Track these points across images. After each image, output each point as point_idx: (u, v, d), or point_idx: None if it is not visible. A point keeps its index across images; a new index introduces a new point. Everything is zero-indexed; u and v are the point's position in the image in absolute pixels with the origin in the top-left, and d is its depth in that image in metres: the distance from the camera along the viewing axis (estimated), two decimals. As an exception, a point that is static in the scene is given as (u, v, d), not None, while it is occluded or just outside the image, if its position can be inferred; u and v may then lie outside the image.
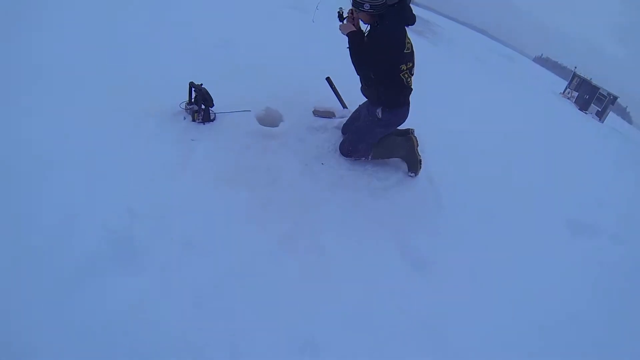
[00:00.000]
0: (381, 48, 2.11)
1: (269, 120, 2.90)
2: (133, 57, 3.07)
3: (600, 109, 10.80)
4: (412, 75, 2.34)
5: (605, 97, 10.75)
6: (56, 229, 1.56)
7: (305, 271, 1.75)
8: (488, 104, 5.84)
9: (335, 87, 3.08)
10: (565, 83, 14.54)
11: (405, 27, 2.23)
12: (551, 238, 2.66)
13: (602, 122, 10.63)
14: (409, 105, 2.44)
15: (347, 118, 3.03)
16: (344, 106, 3.18)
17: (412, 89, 2.39)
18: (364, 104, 2.72)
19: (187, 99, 2.46)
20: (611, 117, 12.21)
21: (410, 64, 2.29)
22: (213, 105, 2.44)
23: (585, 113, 11.01)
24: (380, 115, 2.39)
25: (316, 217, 2.03)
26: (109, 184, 1.82)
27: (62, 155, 1.87)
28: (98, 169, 1.86)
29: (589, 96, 11.17)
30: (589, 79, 12.32)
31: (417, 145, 2.66)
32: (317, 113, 3.05)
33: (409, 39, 2.23)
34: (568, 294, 2.15)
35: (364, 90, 2.50)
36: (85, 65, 2.76)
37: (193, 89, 2.42)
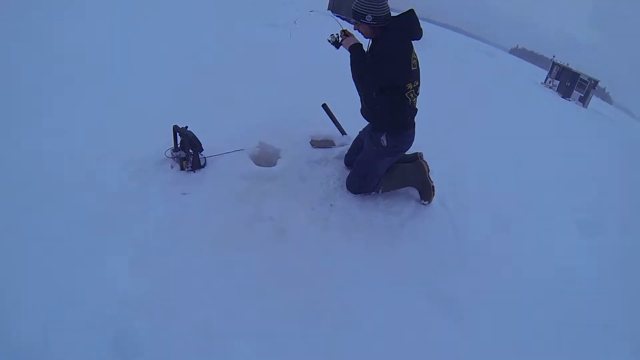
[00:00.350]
0: (385, 63, 1.89)
1: (265, 157, 2.65)
2: (103, 98, 2.81)
3: (582, 95, 10.94)
4: (418, 94, 2.14)
5: (587, 82, 10.90)
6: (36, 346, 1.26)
7: (333, 342, 1.49)
8: (476, 104, 5.74)
9: (332, 113, 2.86)
10: (544, 72, 14.79)
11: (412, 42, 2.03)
12: (563, 240, 2.62)
13: (586, 107, 10.75)
14: (414, 127, 2.23)
15: (347, 146, 2.82)
16: (343, 132, 2.97)
17: (417, 110, 2.18)
18: (364, 130, 2.50)
19: (173, 145, 2.20)
20: (593, 100, 12.40)
21: (417, 83, 2.09)
22: (202, 149, 2.18)
23: (569, 100, 11.14)
24: (385, 143, 2.17)
25: (335, 273, 1.77)
26: (94, 267, 1.53)
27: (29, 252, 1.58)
28: (77, 253, 1.57)
29: (571, 83, 11.31)
30: (566, 64, 12.51)
31: (429, 171, 2.45)
32: (315, 144, 2.82)
33: (415, 54, 2.03)
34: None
35: (364, 113, 2.28)
36: (54, 112, 2.49)
37: (178, 133, 2.16)
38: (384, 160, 2.24)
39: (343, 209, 2.19)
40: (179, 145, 2.18)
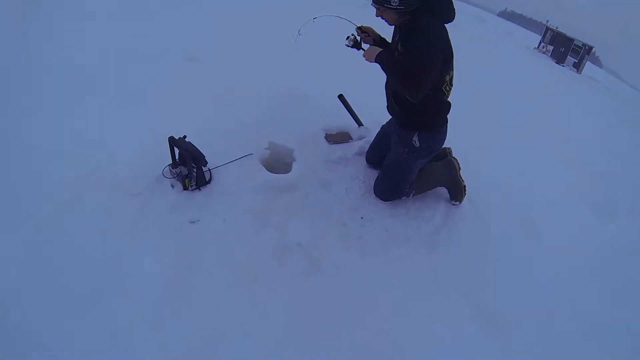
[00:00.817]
0: (428, 61, 1.54)
1: (277, 161, 2.33)
2: (88, 105, 2.35)
3: (576, 61, 10.74)
4: (452, 86, 1.83)
5: (581, 48, 10.66)
6: None
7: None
8: (475, 76, 5.39)
9: (349, 104, 2.51)
10: (535, 36, 14.41)
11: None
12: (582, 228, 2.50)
13: (580, 73, 10.60)
14: (447, 124, 1.95)
15: (366, 139, 2.52)
16: (360, 124, 2.64)
17: (451, 104, 1.89)
18: (389, 125, 2.20)
19: (171, 161, 1.84)
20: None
21: (452, 72, 1.78)
22: (206, 163, 1.84)
23: (563, 66, 10.93)
24: (418, 143, 1.89)
25: (380, 307, 1.54)
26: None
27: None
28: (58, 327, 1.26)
29: (565, 49, 11.04)
30: (555, 27, 12.18)
31: (460, 169, 2.20)
32: (331, 138, 2.50)
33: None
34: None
35: (392, 110, 1.97)
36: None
37: (176, 147, 1.80)
38: (416, 164, 1.97)
39: (375, 221, 1.94)
40: (177, 159, 1.83)
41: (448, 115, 1.92)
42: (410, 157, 1.92)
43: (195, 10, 4.86)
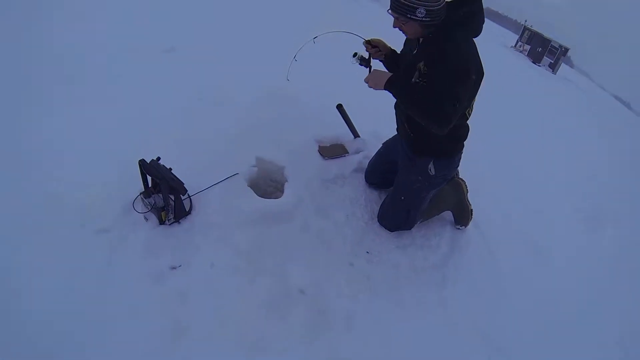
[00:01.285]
0: (459, 83, 1.31)
1: (266, 178, 2.05)
2: (35, 111, 1.90)
3: (552, 61, 11.10)
4: (473, 109, 1.63)
5: (557, 49, 11.01)
6: None
7: None
8: None
9: (347, 116, 2.26)
10: (511, 34, 14.69)
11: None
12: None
13: (555, 74, 10.96)
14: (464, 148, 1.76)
15: (363, 153, 2.29)
16: (356, 135, 2.40)
17: (469, 128, 1.69)
18: (393, 141, 1.98)
19: (143, 189, 1.51)
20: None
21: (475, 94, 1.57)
22: (185, 191, 1.53)
23: (539, 65, 11.22)
24: (433, 172, 1.68)
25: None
26: None
27: None
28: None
29: (542, 49, 11.32)
30: (530, 26, 12.46)
31: (468, 192, 2.04)
32: (325, 152, 2.24)
33: None
34: None
35: (404, 135, 1.73)
36: None
37: (148, 173, 1.47)
38: (430, 193, 1.77)
39: (382, 256, 1.73)
40: (150, 187, 1.50)
41: None
42: (425, 187, 1.71)
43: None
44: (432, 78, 1.34)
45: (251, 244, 1.54)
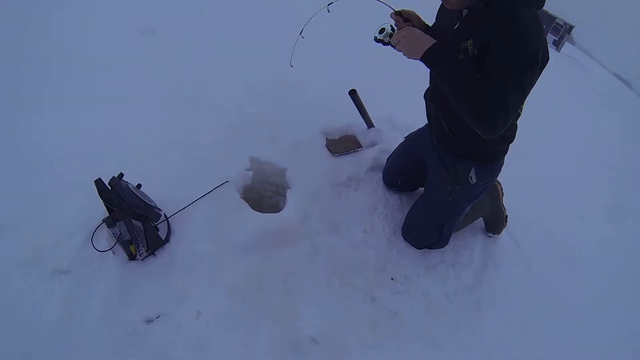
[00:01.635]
0: (528, 67, 0.92)
1: (263, 184, 1.69)
2: None
3: (557, 38, 10.58)
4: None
5: (562, 26, 10.49)
6: None
7: None
8: None
9: (362, 103, 1.85)
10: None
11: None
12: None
13: (559, 51, 10.55)
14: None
15: (379, 146, 1.92)
16: (370, 124, 2.01)
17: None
18: (419, 134, 1.60)
19: (107, 216, 1.15)
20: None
21: None
22: (159, 216, 1.17)
23: (543, 43, 10.72)
24: (474, 180, 1.33)
25: None
26: None
27: None
28: None
29: (546, 26, 10.76)
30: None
31: (503, 195, 1.71)
32: (334, 148, 1.87)
33: None
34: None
35: (441, 135, 1.34)
36: None
37: (103, 200, 1.10)
38: (469, 205, 1.42)
39: (409, 282, 1.42)
40: (116, 212, 1.14)
41: None
42: (463, 199, 1.36)
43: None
44: (486, 63, 0.95)
45: (248, 280, 1.21)
